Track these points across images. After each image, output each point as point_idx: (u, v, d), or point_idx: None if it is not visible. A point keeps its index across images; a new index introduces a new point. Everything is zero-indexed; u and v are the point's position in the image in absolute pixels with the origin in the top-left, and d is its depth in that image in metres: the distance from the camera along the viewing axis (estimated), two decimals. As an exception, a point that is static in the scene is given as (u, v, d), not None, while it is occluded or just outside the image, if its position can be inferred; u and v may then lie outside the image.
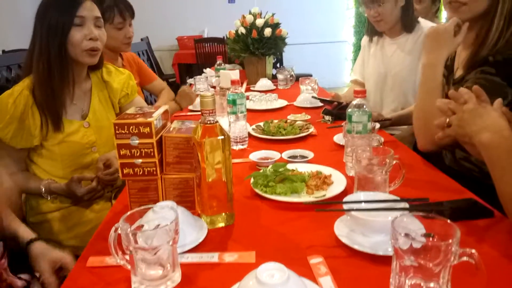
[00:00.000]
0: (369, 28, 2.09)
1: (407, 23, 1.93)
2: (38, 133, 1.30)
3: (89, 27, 1.30)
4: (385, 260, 0.73)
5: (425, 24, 1.94)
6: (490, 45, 1.13)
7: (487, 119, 0.87)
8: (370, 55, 2.13)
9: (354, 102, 1.18)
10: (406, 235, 0.63)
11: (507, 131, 0.84)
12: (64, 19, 1.27)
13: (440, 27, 1.25)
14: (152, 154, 0.92)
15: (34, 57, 1.28)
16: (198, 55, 5.32)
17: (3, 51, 4.13)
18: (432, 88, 1.23)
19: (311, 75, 2.87)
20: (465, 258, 0.61)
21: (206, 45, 5.30)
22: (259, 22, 2.62)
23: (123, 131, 0.90)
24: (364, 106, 1.17)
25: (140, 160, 0.93)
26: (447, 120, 0.95)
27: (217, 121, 0.89)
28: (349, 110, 1.18)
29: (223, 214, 0.94)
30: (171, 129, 0.99)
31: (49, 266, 0.94)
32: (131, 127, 0.90)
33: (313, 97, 2.07)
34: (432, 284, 0.64)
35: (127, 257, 0.73)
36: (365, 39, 2.19)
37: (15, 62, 1.99)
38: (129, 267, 0.73)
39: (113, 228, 0.72)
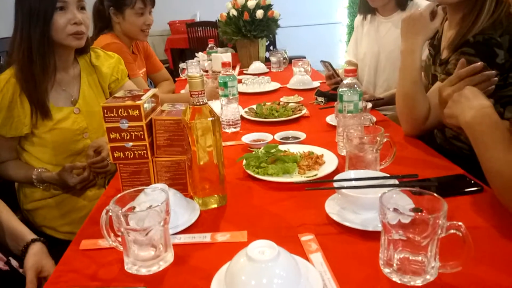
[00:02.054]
0: (361, 6, 2.06)
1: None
2: (28, 121, 1.28)
3: (72, 11, 1.26)
4: (375, 236, 0.74)
5: (420, 1, 1.92)
6: (480, 28, 1.12)
7: (473, 100, 0.88)
8: (364, 34, 2.11)
9: (345, 82, 1.17)
10: (395, 210, 0.63)
11: (489, 109, 0.85)
12: (46, 3, 1.22)
13: (415, 12, 1.24)
14: (142, 137, 0.92)
15: (15, 44, 1.24)
16: (191, 40, 5.24)
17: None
18: (411, 74, 1.23)
19: (304, 57, 2.85)
20: (452, 231, 0.62)
21: (198, 29, 5.22)
22: (251, 3, 2.59)
23: (112, 115, 0.90)
24: (355, 86, 1.16)
25: (131, 144, 0.93)
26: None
27: (206, 103, 0.89)
28: (340, 89, 1.18)
29: (215, 195, 0.94)
30: (161, 111, 0.99)
31: (36, 268, 0.95)
32: (120, 110, 0.89)
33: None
34: (420, 257, 0.65)
35: (119, 239, 0.73)
36: (358, 19, 2.16)
37: (3, 50, 1.97)
38: (121, 248, 0.74)
39: (104, 211, 0.72)
